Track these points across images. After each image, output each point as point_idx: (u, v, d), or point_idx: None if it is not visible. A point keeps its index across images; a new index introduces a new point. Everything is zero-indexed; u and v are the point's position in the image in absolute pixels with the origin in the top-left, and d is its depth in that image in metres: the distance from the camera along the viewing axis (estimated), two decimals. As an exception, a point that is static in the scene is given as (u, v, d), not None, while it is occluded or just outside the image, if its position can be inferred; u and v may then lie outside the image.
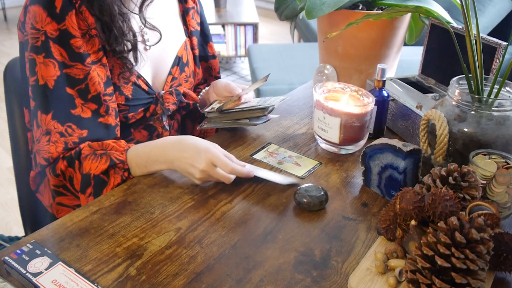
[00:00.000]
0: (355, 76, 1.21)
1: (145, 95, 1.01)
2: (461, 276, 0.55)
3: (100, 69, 0.91)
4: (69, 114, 0.89)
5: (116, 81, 0.95)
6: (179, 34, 1.11)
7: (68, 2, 0.86)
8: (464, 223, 0.58)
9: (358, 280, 0.65)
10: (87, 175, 0.88)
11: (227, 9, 4.01)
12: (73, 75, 0.88)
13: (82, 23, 0.88)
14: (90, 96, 0.90)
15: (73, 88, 0.89)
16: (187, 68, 1.11)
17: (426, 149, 0.84)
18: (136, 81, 0.98)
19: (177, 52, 1.08)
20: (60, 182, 0.91)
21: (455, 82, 0.81)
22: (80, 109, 0.90)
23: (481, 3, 2.48)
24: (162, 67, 1.06)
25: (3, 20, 5.20)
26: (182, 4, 1.12)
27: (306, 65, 2.74)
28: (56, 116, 0.88)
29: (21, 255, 0.68)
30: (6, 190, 2.36)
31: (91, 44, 0.90)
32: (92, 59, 0.90)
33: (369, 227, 0.78)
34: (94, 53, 0.90)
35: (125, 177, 0.89)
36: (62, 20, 0.85)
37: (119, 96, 0.96)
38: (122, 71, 0.95)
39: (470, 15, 0.78)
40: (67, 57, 0.87)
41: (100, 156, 0.88)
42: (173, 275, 0.67)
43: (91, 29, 0.89)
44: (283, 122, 1.13)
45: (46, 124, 0.88)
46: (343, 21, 1.08)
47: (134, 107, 0.99)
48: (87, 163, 0.88)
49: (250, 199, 0.84)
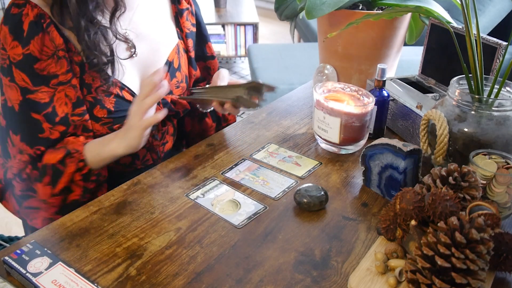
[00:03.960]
0: (355, 76, 1.21)
1: (129, 106, 0.95)
2: (461, 276, 0.55)
3: (69, 90, 0.89)
4: (37, 138, 0.88)
5: (95, 95, 0.93)
6: (171, 37, 1.06)
7: (34, 24, 0.84)
8: (464, 223, 0.58)
9: (358, 280, 0.65)
10: (44, 165, 0.89)
11: (227, 9, 4.00)
12: (38, 100, 0.87)
13: (50, 43, 0.86)
14: (58, 119, 0.89)
15: (39, 113, 0.87)
16: (179, 73, 1.07)
17: (426, 149, 0.84)
18: (120, 92, 0.95)
19: (167, 56, 1.04)
20: (26, 186, 0.91)
21: (455, 82, 0.81)
22: (49, 132, 0.89)
23: (481, 3, 2.48)
24: (150, 73, 0.99)
25: (3, 20, 5.19)
26: (175, 5, 1.08)
27: (306, 65, 2.74)
28: (24, 139, 0.88)
29: (21, 255, 0.68)
30: (6, 190, 2.36)
31: (60, 65, 0.87)
32: (59, 80, 0.88)
33: (369, 227, 0.78)
34: (63, 74, 0.88)
35: (80, 166, 0.89)
36: (27, 44, 0.84)
37: (100, 110, 0.93)
38: (102, 83, 0.92)
39: (470, 15, 0.78)
40: (30, 82, 0.85)
41: (58, 149, 0.90)
42: (173, 275, 0.67)
43: (58, 50, 0.87)
44: (283, 122, 1.13)
45: (17, 144, 0.89)
46: (343, 21, 1.08)
47: (118, 118, 0.96)
48: (46, 156, 0.89)
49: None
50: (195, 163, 0.95)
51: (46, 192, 0.89)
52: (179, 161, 0.96)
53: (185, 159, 0.96)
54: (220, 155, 0.98)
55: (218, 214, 0.80)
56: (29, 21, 0.84)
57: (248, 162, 0.95)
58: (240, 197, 0.84)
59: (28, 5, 0.85)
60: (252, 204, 0.82)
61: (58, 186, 0.89)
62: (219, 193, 0.85)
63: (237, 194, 0.85)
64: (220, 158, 0.97)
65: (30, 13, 0.84)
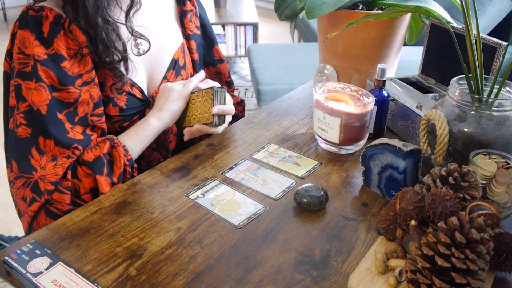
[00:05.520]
0: (355, 76, 1.21)
1: (139, 103, 0.99)
2: (461, 276, 0.55)
3: (93, 89, 0.89)
4: (68, 138, 0.87)
5: (109, 93, 0.93)
6: (176, 36, 1.08)
7: (55, 24, 0.84)
8: (464, 223, 0.58)
9: (358, 280, 0.65)
10: (96, 158, 0.87)
11: (227, 9, 4.01)
12: (63, 99, 0.86)
13: (72, 42, 0.86)
14: (77, 118, 0.88)
15: (62, 112, 0.87)
16: (184, 71, 1.08)
17: (426, 149, 0.84)
18: (130, 90, 0.96)
19: (173, 54, 1.06)
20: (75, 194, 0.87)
21: (455, 82, 0.81)
22: (72, 134, 0.88)
23: (481, 3, 2.48)
24: (157, 71, 1.03)
25: (3, 20, 5.20)
26: (180, 6, 1.10)
27: (306, 65, 2.74)
28: (59, 141, 0.85)
29: (21, 255, 0.68)
30: (6, 190, 2.36)
31: (84, 63, 0.88)
32: (84, 80, 0.88)
33: (369, 227, 0.78)
34: (87, 72, 0.88)
35: (126, 151, 0.91)
36: (50, 45, 0.84)
37: (113, 108, 0.94)
38: (115, 82, 0.93)
39: (470, 15, 0.78)
40: (57, 80, 0.85)
41: (97, 145, 0.89)
42: (173, 275, 0.67)
43: (82, 48, 0.87)
44: (283, 122, 1.13)
45: (51, 149, 0.85)
46: (343, 21, 1.08)
47: (129, 116, 0.98)
48: (89, 154, 0.88)
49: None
50: (195, 163, 0.95)
51: (107, 183, 0.87)
52: (179, 161, 0.96)
53: (185, 159, 0.96)
54: (220, 155, 0.98)
55: (218, 214, 0.80)
56: (49, 22, 0.84)
57: (248, 162, 0.95)
58: (240, 197, 0.84)
59: (45, 8, 0.85)
60: (252, 204, 0.82)
61: (116, 174, 0.89)
62: (219, 193, 0.85)
63: (237, 194, 0.85)
64: (220, 158, 0.97)
65: (49, 14, 0.85)
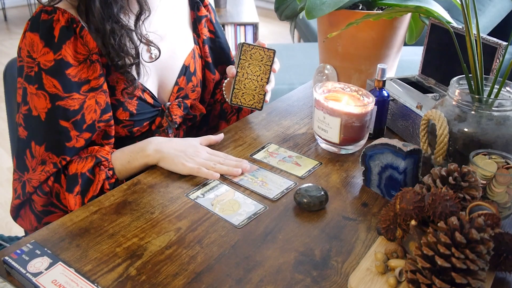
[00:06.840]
0: (355, 76, 1.21)
1: (150, 108, 0.99)
2: (461, 276, 0.55)
3: (100, 96, 0.89)
4: (63, 147, 0.88)
5: (120, 97, 0.94)
6: (187, 42, 1.08)
7: (66, 29, 0.84)
8: (464, 223, 0.58)
9: (358, 280, 0.65)
10: (74, 175, 0.87)
11: (227, 9, 4.00)
12: (68, 107, 0.86)
13: (82, 48, 0.86)
14: (85, 126, 0.89)
15: (68, 120, 0.87)
16: (194, 77, 1.08)
17: (426, 149, 0.84)
18: (142, 95, 0.97)
19: (184, 61, 1.06)
20: (48, 200, 0.90)
21: (455, 82, 0.81)
22: (75, 140, 0.88)
23: (481, 3, 2.48)
24: (168, 77, 1.03)
25: (3, 20, 5.20)
26: (194, 12, 1.09)
27: (306, 65, 2.74)
28: (50, 148, 0.87)
29: (21, 255, 0.68)
30: (6, 190, 2.36)
31: (92, 69, 0.88)
32: (91, 86, 0.88)
33: (369, 227, 0.78)
34: (95, 79, 0.88)
35: (110, 175, 0.89)
36: (59, 49, 0.84)
37: (123, 112, 0.95)
38: (126, 86, 0.93)
39: (470, 15, 0.78)
40: (61, 88, 0.85)
41: (85, 158, 0.89)
42: (173, 275, 0.67)
43: (92, 54, 0.87)
44: (283, 122, 1.13)
45: (40, 155, 0.87)
46: (343, 21, 1.08)
47: (139, 121, 0.98)
48: (73, 166, 0.88)
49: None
50: (195, 163, 0.95)
51: (76, 202, 0.88)
52: (179, 161, 0.96)
53: (185, 159, 0.96)
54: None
55: (218, 214, 0.80)
56: (60, 27, 0.84)
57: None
58: (240, 197, 0.84)
59: (58, 11, 0.85)
60: (252, 204, 0.82)
61: (88, 195, 0.88)
62: (219, 193, 0.85)
63: (237, 194, 0.85)
64: (220, 158, 0.97)
65: (61, 18, 0.84)
